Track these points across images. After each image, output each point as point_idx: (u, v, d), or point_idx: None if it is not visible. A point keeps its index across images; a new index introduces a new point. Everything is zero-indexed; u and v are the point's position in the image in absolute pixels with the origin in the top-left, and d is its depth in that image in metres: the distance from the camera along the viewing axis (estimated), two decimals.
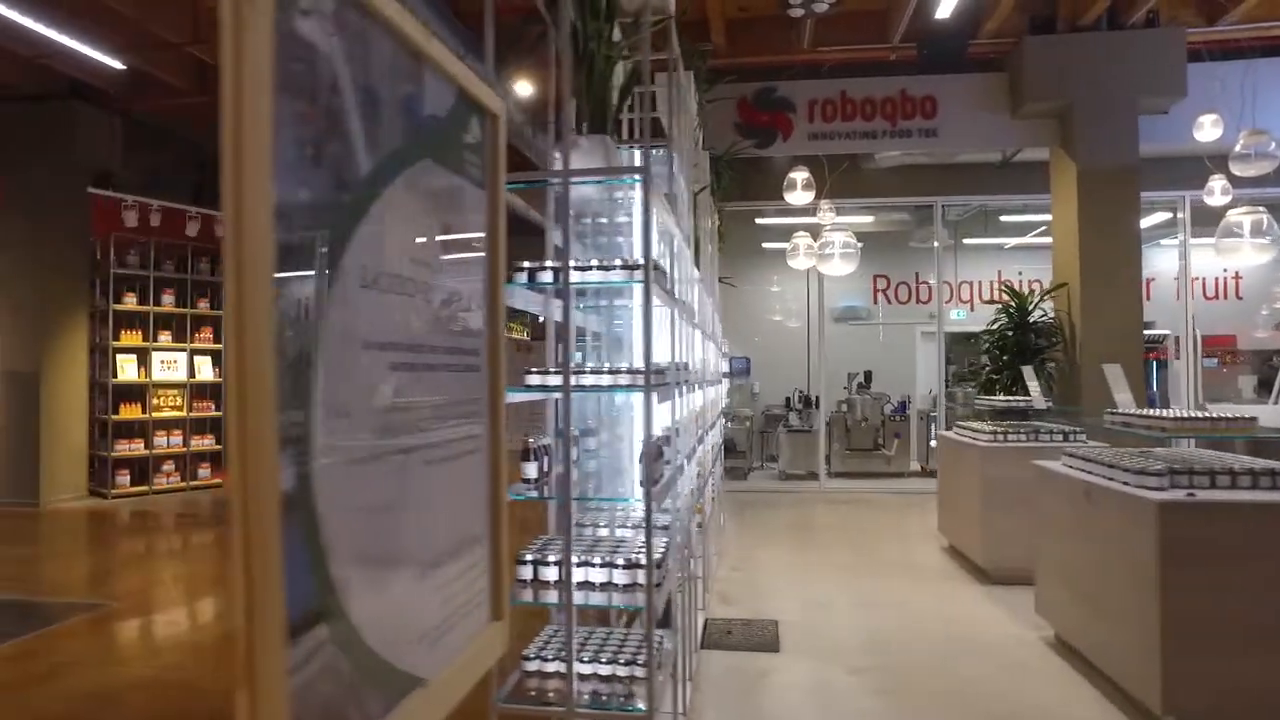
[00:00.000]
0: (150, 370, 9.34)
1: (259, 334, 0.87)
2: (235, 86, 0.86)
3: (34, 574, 5.97)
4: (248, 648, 0.87)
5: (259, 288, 0.87)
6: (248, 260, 0.86)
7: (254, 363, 0.87)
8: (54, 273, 8.80)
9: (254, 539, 0.86)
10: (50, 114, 8.63)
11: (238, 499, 0.85)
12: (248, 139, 0.88)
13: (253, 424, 0.86)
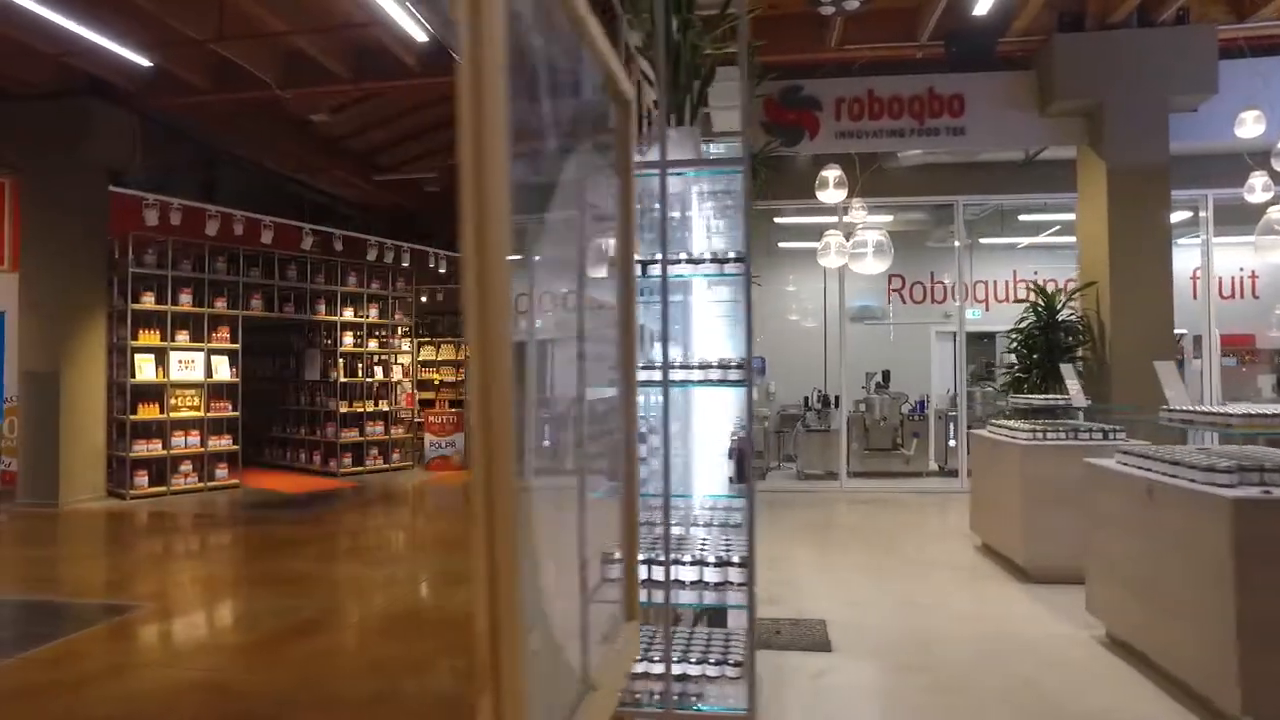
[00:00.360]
0: (168, 370, 9.28)
1: (500, 333, 0.84)
2: (474, 81, 0.83)
3: (61, 575, 5.92)
4: (493, 653, 0.83)
5: (499, 288, 0.84)
6: (490, 264, 0.83)
7: (496, 363, 0.83)
8: (72, 272, 8.75)
9: (498, 543, 0.83)
10: (69, 111, 8.57)
11: (482, 505, 0.82)
12: (487, 129, 0.85)
13: (496, 426, 0.83)
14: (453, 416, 11.72)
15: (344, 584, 5.65)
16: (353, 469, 11.00)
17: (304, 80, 8.45)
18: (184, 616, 4.82)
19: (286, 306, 10.64)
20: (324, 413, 11.18)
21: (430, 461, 11.56)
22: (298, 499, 9.26)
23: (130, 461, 8.95)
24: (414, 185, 15.71)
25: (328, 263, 10.98)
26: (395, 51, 7.88)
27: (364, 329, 11.43)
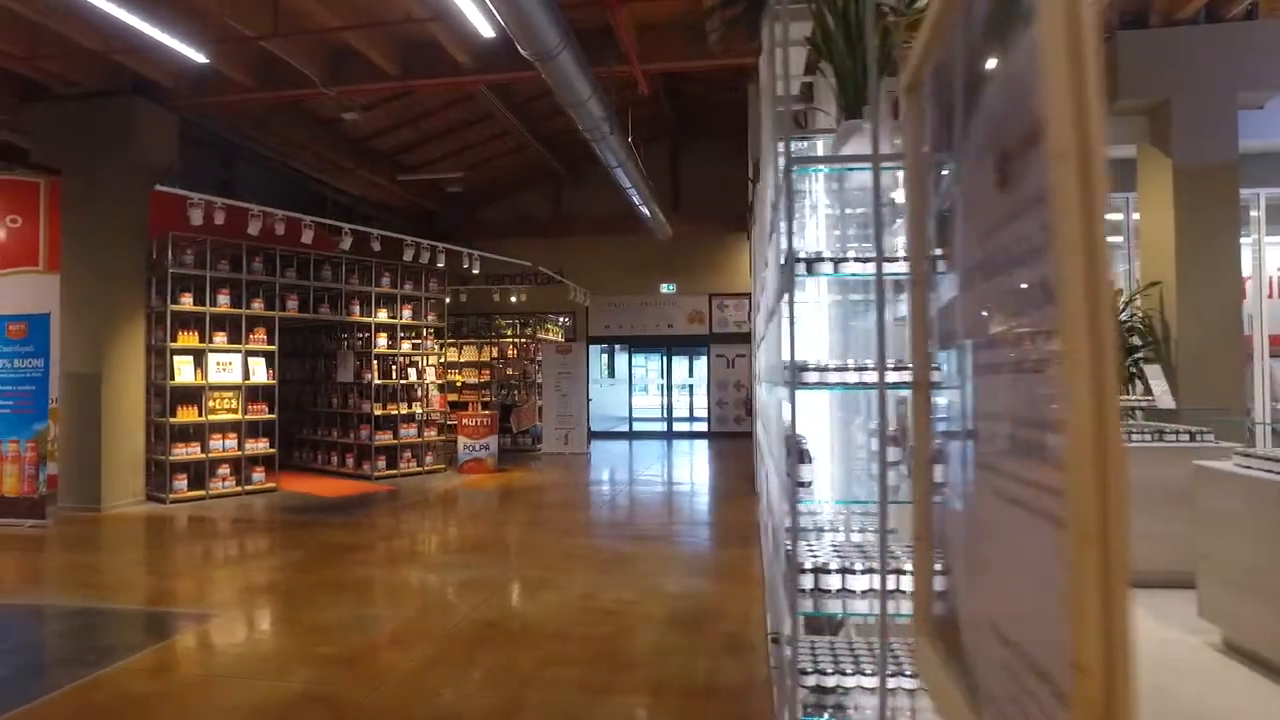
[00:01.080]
0: (207, 372, 9.14)
1: (1106, 339, 0.73)
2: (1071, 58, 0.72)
3: (125, 582, 5.78)
4: (1106, 691, 0.72)
5: (1104, 289, 0.73)
6: (1095, 265, 0.72)
7: (1104, 369, 0.73)
8: (113, 272, 8.61)
9: (1113, 568, 0.72)
10: (113, 111, 8.44)
11: (1095, 524, 0.71)
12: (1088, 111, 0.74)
13: (1109, 429, 0.72)
14: (486, 419, 11.59)
15: (416, 591, 5.53)
16: (386, 472, 10.86)
17: (351, 77, 8.34)
18: (264, 626, 4.70)
19: (321, 307, 10.51)
20: (357, 415, 11.04)
21: (463, 464, 11.43)
22: (338, 503, 9.13)
23: (170, 465, 8.80)
24: (433, 185, 15.60)
25: (361, 263, 10.84)
26: (447, 48, 7.77)
27: (397, 330, 11.29)
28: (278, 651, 4.26)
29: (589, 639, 4.44)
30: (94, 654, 4.21)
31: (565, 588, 5.50)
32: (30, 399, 7.83)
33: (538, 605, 5.10)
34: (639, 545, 7.01)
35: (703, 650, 4.32)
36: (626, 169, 9.67)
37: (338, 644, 4.35)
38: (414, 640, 4.39)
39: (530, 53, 6.08)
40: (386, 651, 4.24)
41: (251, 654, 4.21)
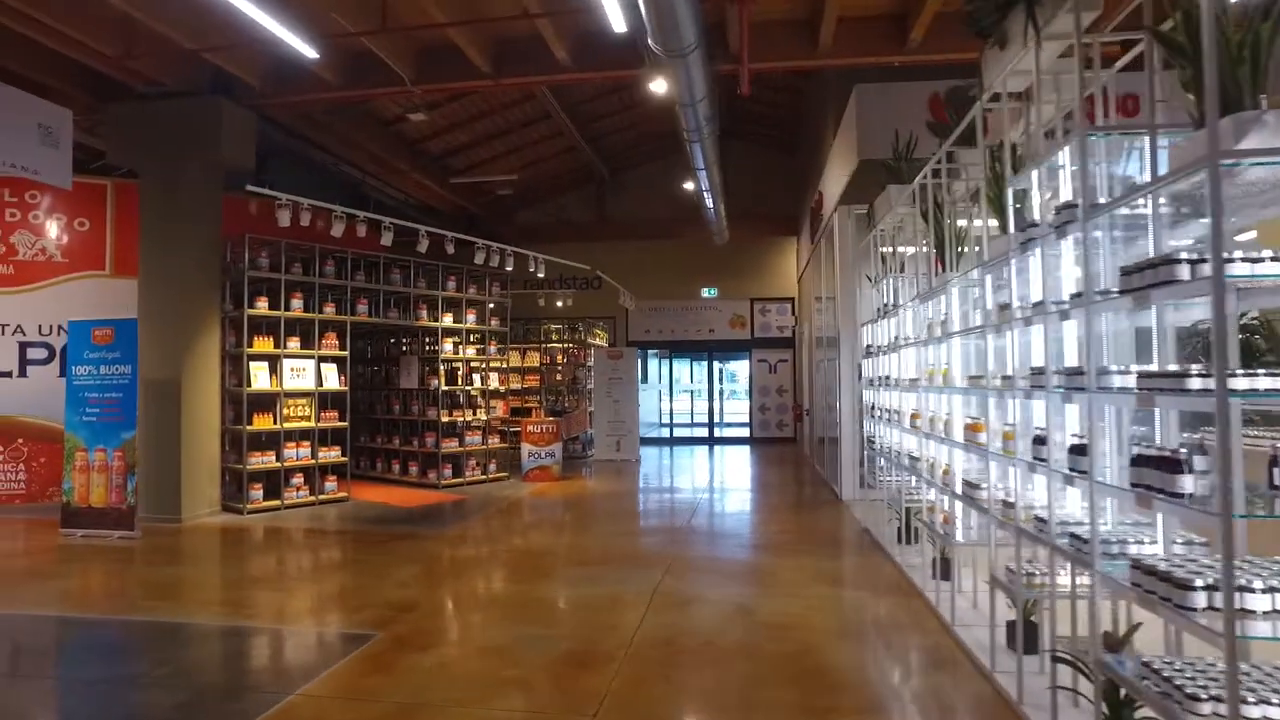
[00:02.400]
0: (281, 378, 8.89)
1: None
2: None
3: (253, 599, 5.55)
4: None
5: None
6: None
7: None
8: (191, 276, 8.38)
9: None
10: (193, 110, 8.21)
11: None
12: None
13: None
14: (550, 426, 11.38)
15: (562, 607, 5.32)
16: (452, 480, 10.63)
17: (440, 75, 8.14)
18: (434, 647, 4.46)
19: (390, 312, 10.27)
20: (421, 422, 10.81)
21: (528, 472, 11.21)
22: (418, 513, 8.89)
23: (247, 474, 8.56)
24: (475, 189, 15.39)
25: (427, 267, 10.62)
26: (550, 44, 7.57)
27: (463, 335, 11.07)
28: (468, 675, 4.04)
29: (780, 656, 4.25)
30: (269, 676, 3.99)
31: (714, 600, 5.31)
32: (118, 406, 7.58)
33: (700, 620, 4.90)
34: (758, 554, 6.82)
35: (904, 665, 4.14)
36: (710, 172, 9.50)
37: (521, 665, 4.14)
38: (599, 661, 4.19)
39: (664, 49, 5.91)
40: (579, 674, 4.03)
41: (443, 678, 3.99)
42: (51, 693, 3.96)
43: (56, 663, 4.42)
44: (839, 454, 9.58)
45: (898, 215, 6.32)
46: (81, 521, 7.59)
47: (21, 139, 6.60)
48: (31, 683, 4.12)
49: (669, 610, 5.11)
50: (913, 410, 5.86)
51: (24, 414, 9.32)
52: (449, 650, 4.40)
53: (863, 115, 7.61)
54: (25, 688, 4.03)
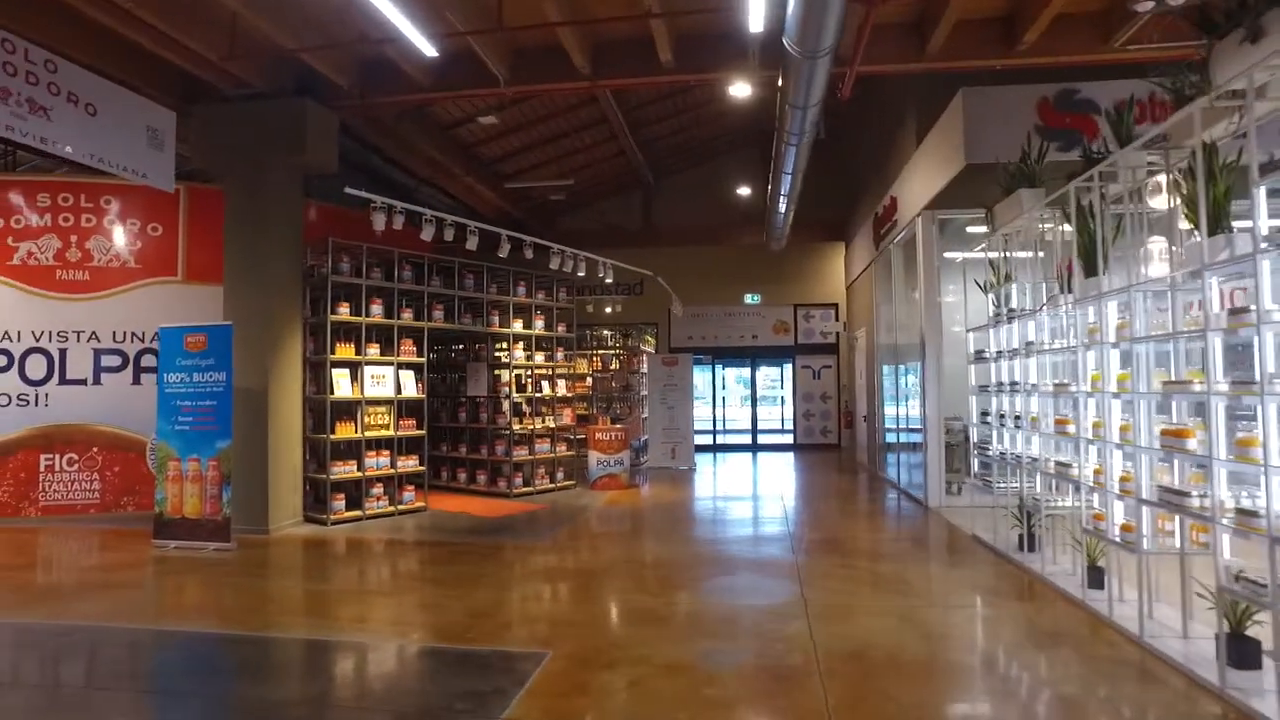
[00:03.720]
0: (363, 385, 8.72)
1: None
2: None
3: (385, 614, 5.37)
4: None
5: None
6: None
7: None
8: (275, 282, 8.21)
9: None
10: (280, 112, 8.05)
11: None
12: None
13: None
14: (619, 433, 11.22)
15: (723, 619, 5.14)
16: (523, 489, 10.46)
17: (534, 76, 8.00)
18: (616, 665, 4.28)
19: (464, 318, 10.10)
20: (491, 430, 10.64)
21: (596, 481, 11.05)
22: (504, 523, 8.72)
23: (329, 484, 8.37)
24: (521, 194, 15.26)
25: (497, 271, 10.46)
26: (656, 45, 7.45)
27: (532, 341, 10.91)
28: (672, 694, 3.86)
29: (971, 668, 4.11)
30: (463, 698, 3.82)
31: (869, 610, 5.16)
32: (212, 415, 7.40)
33: (871, 631, 4.75)
34: (879, 562, 6.67)
35: (1111, 681, 4.00)
36: (795, 178, 9.39)
37: (718, 684, 3.99)
38: (796, 677, 4.03)
39: (801, 49, 5.79)
40: (786, 691, 3.87)
41: (649, 698, 3.82)
42: (266, 716, 3.77)
43: (236, 681, 4.24)
44: (925, 461, 9.46)
45: (1031, 218, 6.21)
46: (175, 533, 7.39)
47: (133, 142, 6.43)
48: (229, 705, 3.94)
49: (831, 621, 4.96)
50: (1059, 415, 5.74)
51: (98, 422, 9.13)
52: (634, 668, 4.24)
53: (969, 119, 7.50)
54: (226, 711, 3.84)
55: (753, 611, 5.25)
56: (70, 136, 5.87)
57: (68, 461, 9.04)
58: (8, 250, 8.99)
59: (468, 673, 4.22)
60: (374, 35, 6.88)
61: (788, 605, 5.34)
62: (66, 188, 9.18)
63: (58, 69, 5.78)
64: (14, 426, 8.93)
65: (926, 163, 9.08)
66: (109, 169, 6.24)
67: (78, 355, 9.12)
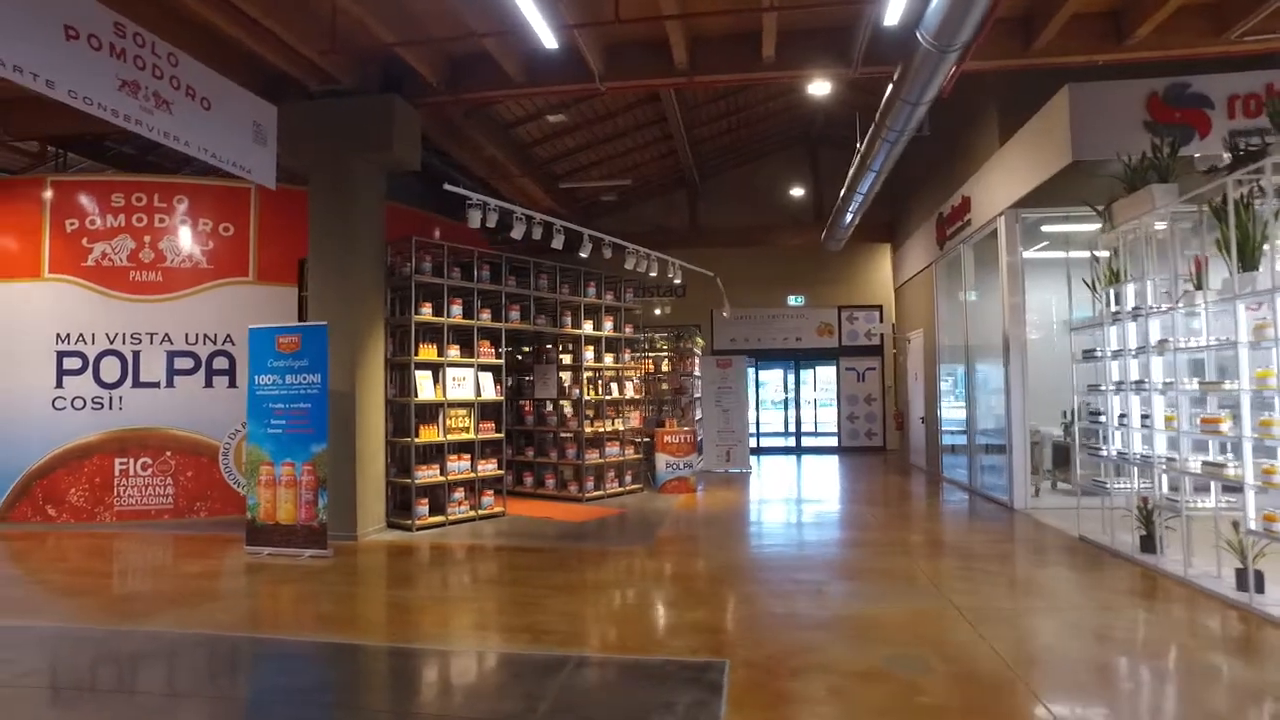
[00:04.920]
0: (445, 388, 8.55)
1: None
2: None
3: (537, 624, 5.20)
4: None
5: None
6: None
7: None
8: (360, 282, 8.04)
9: None
10: (366, 109, 7.90)
11: None
12: None
13: None
14: (687, 436, 11.06)
15: (871, 623, 4.98)
16: (594, 494, 10.30)
17: (631, 72, 7.86)
18: (804, 674, 4.12)
19: (539, 318, 9.94)
20: (559, 434, 10.48)
21: (664, 484, 10.88)
22: (592, 528, 8.55)
23: (415, 489, 8.20)
24: (567, 195, 15.13)
25: (568, 272, 10.31)
26: (762, 40, 7.31)
27: (602, 343, 10.76)
28: (885, 705, 3.68)
29: (1189, 673, 3.96)
30: (655, 712, 3.65)
31: (1025, 613, 5.00)
32: (306, 418, 7.22)
33: (1042, 635, 4.60)
34: (999, 564, 6.51)
35: None
36: (879, 177, 9.26)
37: (927, 691, 3.82)
38: (1001, 685, 3.88)
39: (938, 42, 5.66)
40: (1005, 699, 3.72)
41: (863, 710, 3.65)
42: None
43: (414, 696, 4.07)
44: (1009, 462, 9.32)
45: (1164, 213, 6.08)
46: (269, 539, 7.22)
47: (240, 137, 6.28)
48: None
49: (994, 625, 4.80)
50: (1206, 415, 5.60)
51: (171, 426, 8.96)
52: (824, 676, 4.07)
53: (1076, 115, 7.37)
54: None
55: (905, 615, 5.10)
56: (189, 131, 5.71)
57: (142, 466, 8.87)
58: (82, 251, 8.83)
59: (651, 683, 4.05)
60: (480, 29, 6.73)
61: (936, 609, 5.19)
62: (140, 187, 9.03)
63: (179, 63, 5.63)
64: (89, 430, 8.77)
65: (1014, 161, 8.95)
66: (220, 164, 6.08)
67: (151, 358, 8.95)
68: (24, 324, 8.73)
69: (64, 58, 4.75)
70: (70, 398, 8.76)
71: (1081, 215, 8.98)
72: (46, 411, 8.71)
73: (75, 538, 8.04)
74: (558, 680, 4.13)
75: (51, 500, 8.71)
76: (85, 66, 4.89)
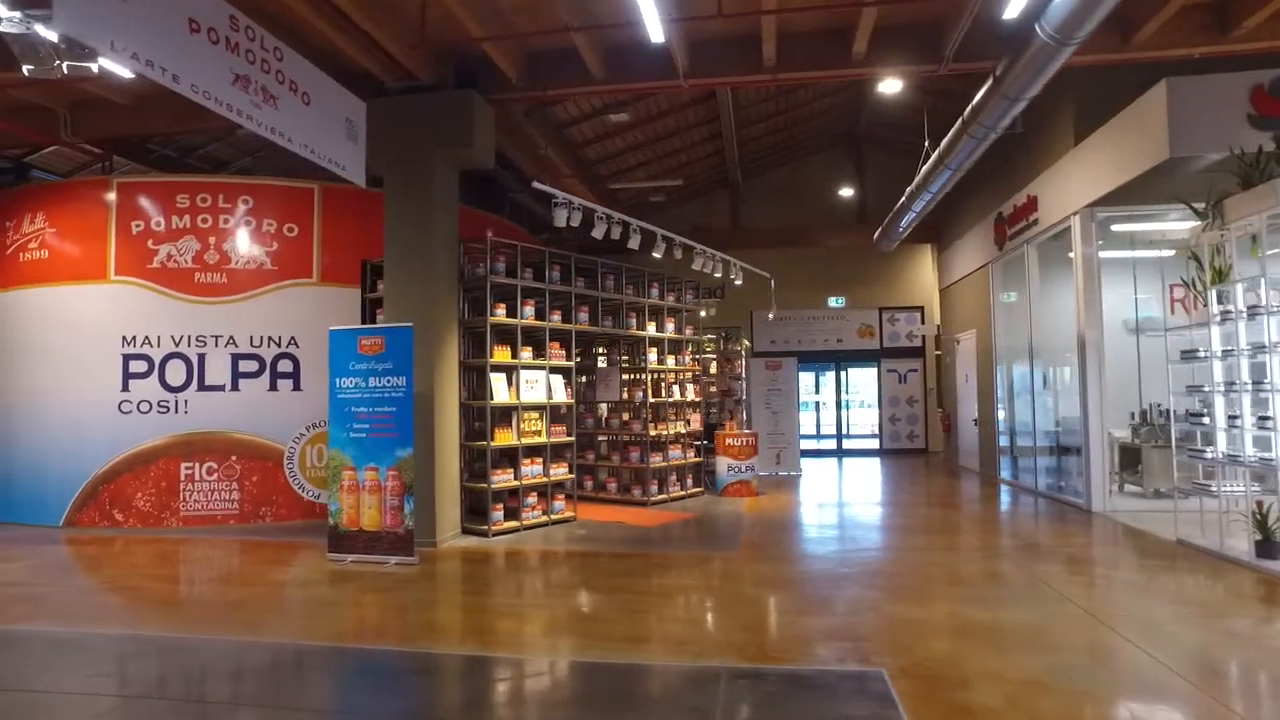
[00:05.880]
0: (519, 390, 8.39)
1: None
2: None
3: (666, 632, 5.04)
4: None
5: None
6: None
7: None
8: (436, 284, 7.86)
9: None
10: (444, 106, 7.74)
11: None
12: None
13: None
14: (749, 439, 10.90)
15: (1005, 629, 4.80)
16: (658, 497, 10.14)
17: (714, 69, 7.71)
18: (970, 684, 3.95)
19: (605, 320, 9.78)
20: (624, 438, 10.32)
21: (726, 487, 10.72)
22: (670, 532, 8.38)
23: (491, 494, 8.04)
24: (610, 196, 14.97)
25: (632, 272, 10.15)
26: (855, 37, 7.16)
27: (664, 345, 10.60)
28: (1071, 714, 3.55)
29: None
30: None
31: (1170, 621, 4.84)
32: (391, 421, 7.06)
33: (1207, 645, 4.44)
34: (1108, 569, 6.36)
35: None
36: (955, 175, 9.11)
37: (1101, 701, 3.67)
38: (1186, 695, 3.72)
39: (1061, 35, 5.53)
40: (1190, 710, 3.56)
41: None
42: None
43: (607, 713, 3.91)
44: (1087, 464, 9.15)
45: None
46: (352, 546, 7.04)
47: (335, 133, 6.12)
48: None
49: (1138, 631, 4.62)
50: None
51: (236, 430, 8.80)
52: (994, 686, 3.90)
53: (1175, 110, 7.21)
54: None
55: (1036, 621, 4.93)
56: (292, 127, 5.55)
57: (207, 470, 8.72)
58: (148, 253, 8.69)
59: (817, 695, 3.89)
60: (573, 22, 6.58)
61: (1065, 614, 5.03)
62: (205, 188, 8.89)
63: (283, 58, 5.48)
64: (155, 434, 8.61)
65: (1093, 159, 8.79)
66: (318, 160, 5.92)
67: (216, 360, 8.80)
68: (90, 327, 8.59)
69: (187, 52, 4.59)
70: (136, 401, 8.60)
71: (1159, 214, 8.86)
72: (113, 415, 8.56)
73: (148, 543, 7.88)
74: (719, 692, 3.97)
75: (118, 505, 8.55)
76: (206, 60, 4.73)
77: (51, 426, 8.64)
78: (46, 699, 3.93)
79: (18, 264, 8.95)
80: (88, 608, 5.73)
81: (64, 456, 8.58)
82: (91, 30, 3.97)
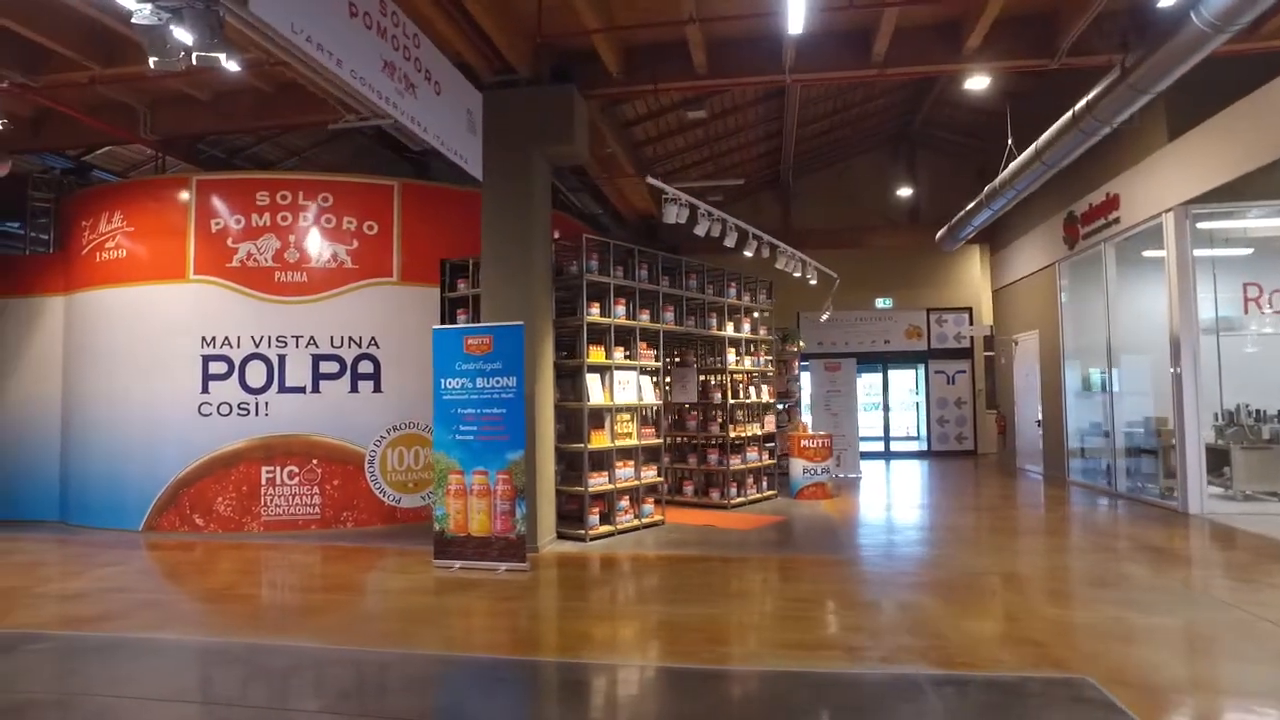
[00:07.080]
0: (612, 392, 8.19)
1: None
2: None
3: (823, 639, 4.85)
4: None
5: None
6: None
7: None
8: (531, 282, 7.64)
9: None
10: (543, 100, 7.54)
11: None
12: None
13: None
14: (824, 441, 10.71)
15: (1164, 635, 4.63)
16: (736, 500, 9.94)
17: (818, 64, 7.53)
18: (1176, 691, 3.79)
19: (688, 320, 9.58)
20: (703, 440, 10.12)
21: (801, 489, 10.53)
22: (766, 536, 8.18)
23: (588, 497, 7.84)
24: (658, 195, 14.78)
25: (712, 272, 9.95)
26: (969, 31, 6.99)
27: (742, 345, 10.40)
28: None
29: None
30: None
31: None
32: (500, 423, 6.85)
33: None
34: (1237, 574, 6.18)
35: None
36: (1050, 171, 8.94)
37: None
38: None
39: (1221, 21, 5.37)
40: None
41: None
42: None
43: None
44: (1182, 465, 8.98)
45: None
46: (460, 552, 6.83)
47: (458, 125, 5.95)
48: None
49: None
50: None
51: (317, 433, 8.58)
52: (1217, 698, 3.73)
53: None
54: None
55: (1215, 626, 4.76)
56: (427, 116, 5.37)
57: (288, 474, 8.50)
58: (228, 252, 8.48)
59: (1034, 703, 3.71)
60: (684, 15, 6.40)
61: (1242, 620, 4.84)
62: (284, 185, 8.68)
63: (420, 44, 5.29)
64: (235, 437, 8.39)
65: (1192, 156, 8.63)
66: (447, 152, 5.75)
67: (296, 361, 8.59)
68: (170, 327, 8.38)
69: (348, 35, 4.41)
70: (216, 403, 8.38)
71: (1239, 211, 8.75)
72: (192, 418, 8.34)
73: (239, 549, 7.65)
74: (928, 702, 3.77)
75: (199, 509, 8.32)
76: (363, 45, 4.55)
77: (130, 429, 8.41)
78: (266, 715, 3.72)
79: (95, 264, 8.73)
80: (219, 616, 5.52)
81: (143, 460, 8.36)
82: (278, 12, 3.78)
